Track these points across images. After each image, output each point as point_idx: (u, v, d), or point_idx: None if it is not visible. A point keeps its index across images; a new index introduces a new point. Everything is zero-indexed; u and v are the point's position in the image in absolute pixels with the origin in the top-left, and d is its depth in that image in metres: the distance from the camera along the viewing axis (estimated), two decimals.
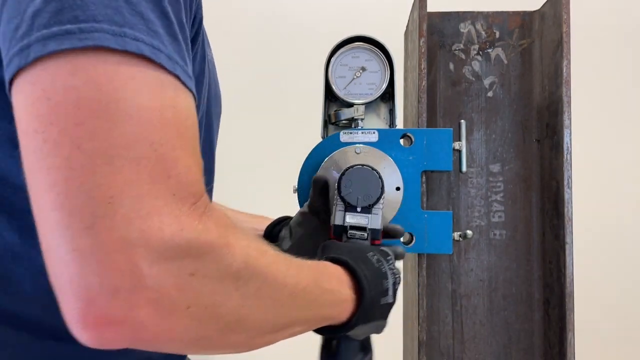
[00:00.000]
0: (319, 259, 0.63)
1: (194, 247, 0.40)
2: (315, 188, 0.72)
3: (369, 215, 0.68)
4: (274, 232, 0.83)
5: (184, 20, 0.45)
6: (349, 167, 0.69)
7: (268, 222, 0.86)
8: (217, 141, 0.73)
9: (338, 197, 0.69)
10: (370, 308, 0.60)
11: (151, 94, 0.40)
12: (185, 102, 0.43)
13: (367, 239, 0.68)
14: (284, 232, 0.79)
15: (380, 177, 0.68)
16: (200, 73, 0.55)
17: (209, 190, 0.68)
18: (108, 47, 0.38)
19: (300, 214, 0.75)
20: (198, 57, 0.53)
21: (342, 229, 0.68)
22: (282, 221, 0.83)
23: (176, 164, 0.40)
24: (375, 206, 0.68)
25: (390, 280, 0.63)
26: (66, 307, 0.38)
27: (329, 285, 0.56)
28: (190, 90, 0.44)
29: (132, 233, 0.37)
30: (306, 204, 0.74)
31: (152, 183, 0.39)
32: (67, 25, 0.38)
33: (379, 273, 0.62)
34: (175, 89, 0.42)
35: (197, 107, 0.56)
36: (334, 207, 0.70)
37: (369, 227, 0.68)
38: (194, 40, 0.51)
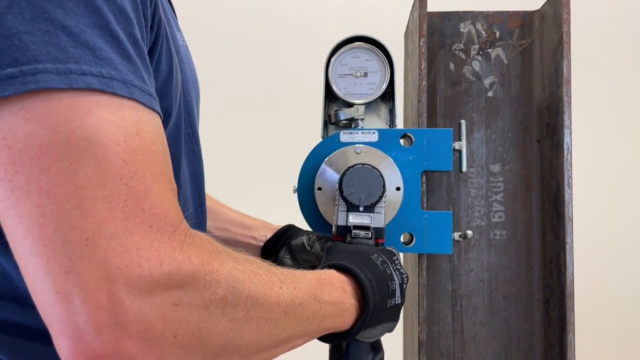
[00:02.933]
0: (323, 264, 0.62)
1: (175, 279, 0.40)
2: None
3: (372, 214, 0.68)
4: (274, 251, 0.83)
5: (138, 35, 0.44)
6: (349, 167, 0.69)
7: (268, 229, 0.86)
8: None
9: (340, 198, 0.68)
10: (376, 313, 0.60)
11: (112, 126, 0.39)
12: (149, 126, 0.42)
13: (371, 238, 0.68)
14: (285, 253, 0.81)
15: (381, 175, 0.68)
16: (168, 74, 0.54)
17: (199, 186, 0.68)
18: (53, 88, 0.37)
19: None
20: (163, 57, 0.52)
21: (346, 230, 0.68)
22: (284, 233, 0.84)
23: (148, 195, 0.40)
24: (378, 205, 0.68)
25: (397, 281, 0.63)
26: (57, 343, 0.39)
27: (330, 297, 0.56)
28: (153, 109, 0.43)
29: (112, 271, 0.38)
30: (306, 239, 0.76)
31: (126, 219, 0.38)
32: (7, 69, 0.37)
33: (385, 275, 0.62)
34: (136, 113, 0.41)
35: (171, 107, 0.55)
36: (336, 207, 0.69)
37: (373, 226, 0.68)
38: (155, 42, 0.50)
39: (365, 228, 0.68)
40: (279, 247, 0.83)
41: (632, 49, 1.83)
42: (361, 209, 0.68)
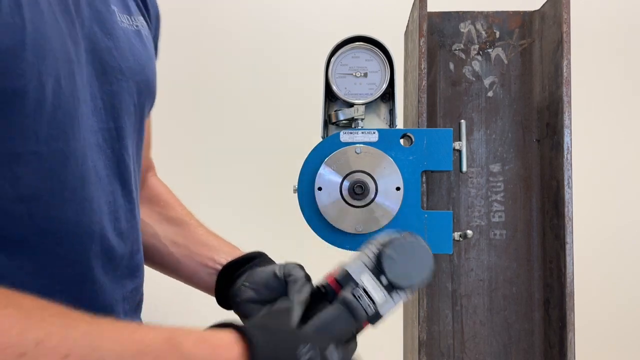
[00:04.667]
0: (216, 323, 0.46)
1: None
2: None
3: (387, 296, 0.55)
4: (233, 277, 0.68)
5: None
6: (398, 237, 0.57)
7: (234, 255, 0.72)
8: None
9: (373, 252, 0.57)
10: None
11: None
12: None
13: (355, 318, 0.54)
14: (242, 287, 0.65)
15: (432, 265, 0.58)
16: (13, 47, 0.43)
17: (128, 191, 0.57)
18: None
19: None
20: None
21: (348, 282, 0.56)
22: (250, 260, 0.69)
23: None
24: (403, 290, 0.56)
25: None
26: None
27: None
28: None
29: None
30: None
31: None
32: None
33: None
34: None
35: (24, 87, 0.45)
36: (360, 251, 0.58)
37: (377, 309, 0.55)
38: None
39: (370, 300, 0.54)
40: (240, 274, 0.67)
41: (632, 49, 1.83)
42: (385, 282, 0.55)
